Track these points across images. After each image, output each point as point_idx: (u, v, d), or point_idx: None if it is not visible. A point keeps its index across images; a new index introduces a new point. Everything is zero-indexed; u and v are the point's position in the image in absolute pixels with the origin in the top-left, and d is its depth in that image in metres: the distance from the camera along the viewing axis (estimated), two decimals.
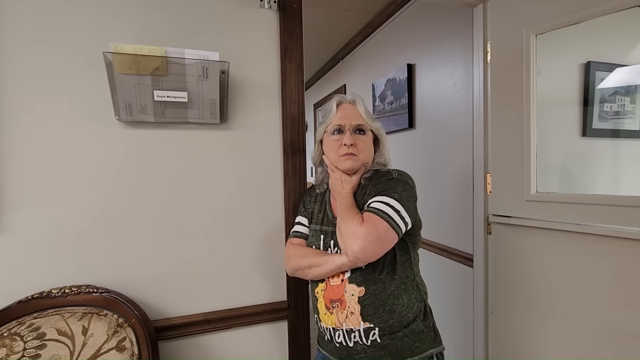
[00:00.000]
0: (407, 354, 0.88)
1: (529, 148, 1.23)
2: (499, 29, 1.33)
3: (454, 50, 1.71)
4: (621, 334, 1.05)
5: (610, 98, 1.57)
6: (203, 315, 1.07)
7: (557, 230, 1.19)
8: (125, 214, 1.00)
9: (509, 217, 1.32)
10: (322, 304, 0.94)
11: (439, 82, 1.85)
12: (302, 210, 1.08)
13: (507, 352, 1.35)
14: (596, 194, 1.20)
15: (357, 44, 2.92)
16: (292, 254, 1.00)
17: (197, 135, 1.06)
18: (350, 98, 1.02)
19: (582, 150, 1.56)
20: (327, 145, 1.02)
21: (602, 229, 1.10)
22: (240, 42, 1.09)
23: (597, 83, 1.55)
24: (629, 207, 1.06)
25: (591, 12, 1.09)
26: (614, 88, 1.59)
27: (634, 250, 1.03)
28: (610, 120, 1.57)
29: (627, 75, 1.65)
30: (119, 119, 0.98)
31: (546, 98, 1.31)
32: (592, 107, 1.55)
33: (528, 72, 1.23)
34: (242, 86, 1.10)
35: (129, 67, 0.93)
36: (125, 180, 1.00)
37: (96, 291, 0.95)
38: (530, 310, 1.26)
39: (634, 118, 1.61)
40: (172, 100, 1.00)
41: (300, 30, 1.15)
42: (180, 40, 1.03)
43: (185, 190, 1.06)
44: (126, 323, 0.93)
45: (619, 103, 1.59)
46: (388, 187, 0.88)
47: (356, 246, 0.79)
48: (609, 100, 1.58)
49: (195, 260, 1.07)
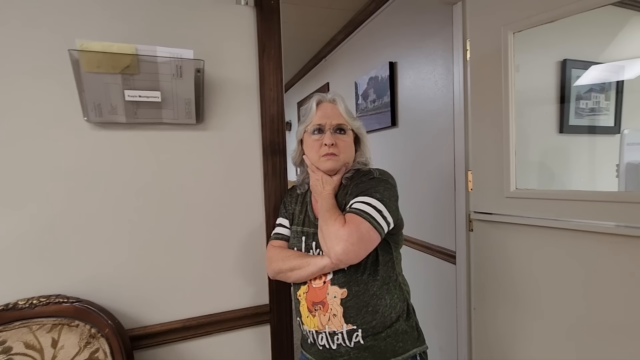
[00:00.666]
0: (391, 354, 0.87)
1: (508, 145, 1.24)
2: (478, 27, 1.34)
3: (434, 48, 1.72)
4: (599, 326, 1.07)
5: (585, 95, 1.61)
6: (182, 322, 1.03)
7: (536, 226, 1.21)
8: (97, 219, 0.96)
9: (490, 214, 1.33)
10: (304, 307, 0.92)
11: (420, 80, 1.85)
12: (282, 211, 1.06)
13: (491, 348, 1.37)
14: (573, 190, 1.23)
15: (339, 42, 2.91)
16: (274, 256, 0.97)
17: (172, 136, 1.03)
18: (330, 97, 1.00)
19: (559, 146, 1.60)
20: (307, 145, 1.00)
21: (578, 224, 1.12)
22: (216, 40, 1.06)
23: (573, 80, 1.59)
24: (604, 202, 1.08)
25: (566, 10, 1.10)
26: (589, 85, 1.63)
27: (609, 245, 1.05)
28: (586, 116, 1.61)
29: (602, 73, 1.70)
30: (87, 120, 0.93)
31: (525, 95, 1.33)
32: (569, 104, 1.58)
33: (506, 70, 1.24)
34: (219, 85, 1.07)
35: (97, 66, 0.89)
36: (96, 184, 0.95)
37: (66, 301, 0.90)
38: (512, 306, 1.28)
39: (609, 114, 1.65)
40: (144, 100, 0.95)
41: (278, 27, 1.13)
42: (153, 38, 0.99)
43: (160, 194, 1.02)
44: (99, 333, 0.89)
45: (594, 100, 1.63)
46: (369, 187, 0.87)
47: (339, 248, 0.77)
48: (584, 98, 1.62)
49: (173, 265, 1.03)
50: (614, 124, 1.68)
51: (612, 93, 1.67)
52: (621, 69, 1.73)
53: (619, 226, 1.05)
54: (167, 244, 1.03)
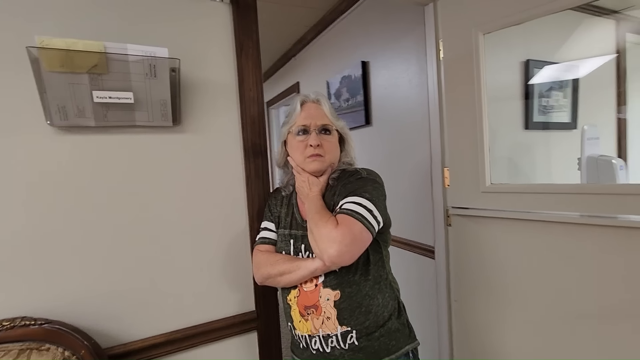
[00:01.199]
0: (384, 353, 0.87)
1: (482, 142, 1.29)
2: (450, 28, 1.38)
3: (407, 47, 1.75)
4: (569, 311, 1.14)
5: (546, 93, 1.71)
6: (165, 336, 0.98)
7: (510, 219, 1.26)
8: (64, 232, 0.88)
9: (466, 208, 1.38)
10: (295, 312, 0.90)
11: (394, 79, 1.88)
12: (267, 214, 1.03)
13: (471, 338, 1.42)
14: (542, 183, 1.29)
15: (309, 40, 2.89)
16: (261, 261, 0.94)
17: (147, 140, 0.96)
18: (314, 97, 0.99)
19: (525, 142, 1.68)
20: (292, 146, 0.98)
21: (547, 215, 1.18)
22: (191, 38, 1.01)
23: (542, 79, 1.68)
24: (569, 194, 1.15)
25: (532, 13, 1.16)
26: (549, 84, 1.73)
27: (574, 234, 1.12)
28: (547, 113, 1.71)
29: (555, 72, 1.81)
30: (51, 123, 0.85)
31: (494, 94, 1.39)
32: (532, 101, 1.67)
33: (478, 70, 1.28)
34: (196, 86, 1.02)
35: (61, 65, 0.81)
36: (62, 194, 0.87)
37: (34, 323, 0.82)
38: (489, 296, 1.33)
39: (567, 111, 1.77)
40: (115, 102, 0.89)
41: (255, 25, 1.09)
42: (123, 35, 0.92)
43: (136, 201, 0.95)
44: (74, 356, 0.82)
45: (554, 98, 1.73)
46: (358, 187, 0.87)
47: (332, 250, 0.76)
48: (545, 95, 1.72)
49: (152, 276, 0.97)
50: (571, 120, 1.80)
51: (569, 91, 1.78)
52: (575, 68, 1.85)
53: (583, 216, 1.12)
54: (145, 254, 0.96)
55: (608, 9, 1.83)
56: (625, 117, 1.93)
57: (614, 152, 1.85)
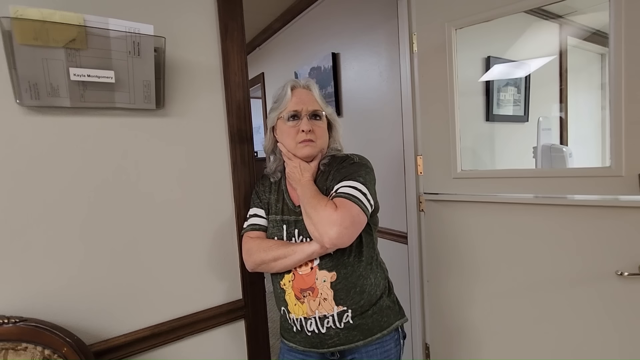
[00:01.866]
0: (377, 329, 0.91)
1: (454, 131, 1.38)
2: (424, 23, 1.44)
3: (378, 40, 1.80)
4: (530, 283, 1.27)
5: (504, 88, 1.87)
6: (150, 329, 0.93)
7: (478, 202, 1.37)
8: (38, 223, 0.80)
9: (438, 194, 1.47)
10: (291, 295, 0.91)
11: (364, 71, 1.93)
12: (256, 201, 1.02)
13: (444, 314, 1.52)
14: (505, 169, 1.41)
15: (275, 30, 2.85)
16: (253, 247, 0.94)
17: (127, 123, 0.91)
18: (304, 82, 0.99)
19: (486, 132, 1.82)
20: (282, 132, 0.97)
21: (509, 198, 1.30)
22: (174, 17, 0.96)
23: (495, 75, 1.82)
24: (526, 178, 1.27)
25: (500, 11, 1.25)
26: (505, 80, 1.89)
27: (529, 212, 1.25)
28: (505, 107, 1.87)
29: (509, 69, 1.97)
30: (20, 103, 0.77)
31: (461, 87, 1.48)
32: (492, 95, 1.81)
33: (451, 63, 1.37)
34: (180, 67, 0.97)
35: (34, 38, 0.74)
36: (33, 181, 0.80)
37: (7, 322, 0.74)
38: (461, 274, 1.44)
39: (520, 105, 1.94)
40: (94, 81, 0.82)
41: (240, 8, 1.07)
42: (103, 9, 0.85)
43: (115, 188, 0.89)
44: (55, 354, 0.76)
45: (510, 92, 1.89)
46: (353, 172, 0.89)
47: (333, 232, 0.78)
48: (503, 90, 1.87)
49: (135, 268, 0.92)
50: (524, 113, 1.98)
51: (522, 87, 1.96)
52: (526, 66, 2.04)
53: (537, 197, 1.25)
54: (126, 245, 0.91)
55: (554, 13, 2.03)
56: (566, 111, 2.16)
57: (558, 142, 2.07)
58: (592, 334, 1.14)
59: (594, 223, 1.11)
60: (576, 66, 2.25)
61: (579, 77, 2.31)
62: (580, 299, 1.15)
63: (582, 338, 1.16)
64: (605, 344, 1.11)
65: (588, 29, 2.26)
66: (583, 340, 1.16)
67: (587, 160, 2.27)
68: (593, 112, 2.42)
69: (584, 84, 2.40)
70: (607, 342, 1.11)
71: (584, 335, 1.16)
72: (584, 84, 2.40)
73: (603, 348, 1.12)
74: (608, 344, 1.11)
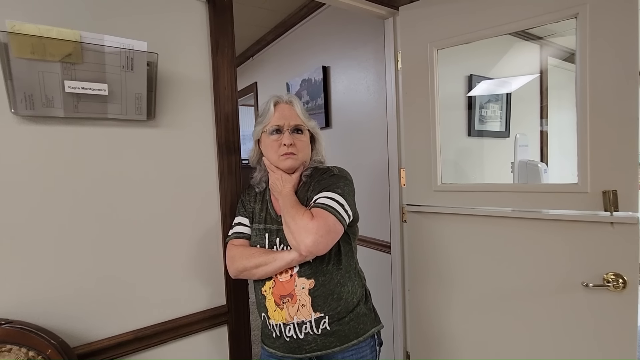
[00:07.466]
0: (354, 336, 0.95)
1: (435, 146, 1.44)
2: (408, 42, 1.52)
3: (366, 56, 1.87)
4: (504, 292, 1.32)
5: (485, 105, 1.94)
6: (134, 333, 0.96)
7: (457, 214, 1.42)
8: (26, 228, 0.83)
9: (420, 205, 1.52)
10: (271, 301, 0.95)
11: (353, 85, 1.99)
12: (241, 210, 1.07)
13: (423, 321, 1.56)
14: (483, 183, 1.48)
15: (268, 42, 2.92)
16: (237, 255, 0.98)
17: (119, 133, 0.95)
18: (287, 98, 1.04)
19: (468, 147, 1.89)
20: (265, 145, 1.02)
21: (487, 211, 1.36)
22: (168, 33, 1.01)
23: (477, 92, 1.90)
24: (504, 192, 1.33)
25: (478, 35, 1.33)
26: (487, 96, 1.97)
27: (508, 226, 1.31)
28: (486, 123, 1.94)
29: (491, 87, 2.06)
30: (15, 112, 0.81)
31: (443, 103, 1.55)
32: (474, 111, 1.89)
33: (432, 81, 1.44)
34: (171, 81, 1.02)
35: (31, 51, 0.78)
36: (24, 187, 0.83)
37: None
38: (439, 284, 1.49)
39: (502, 121, 2.02)
40: (88, 93, 0.87)
41: (231, 25, 1.12)
42: (99, 27, 0.90)
43: (104, 196, 0.93)
44: (40, 355, 0.78)
45: (492, 109, 1.97)
46: (331, 183, 0.94)
47: (309, 240, 0.82)
48: (484, 107, 1.95)
49: (121, 272, 0.95)
50: (505, 129, 2.06)
51: (503, 104, 2.04)
52: (507, 84, 2.13)
53: (514, 210, 1.31)
54: (113, 250, 0.94)
55: (535, 35, 2.13)
56: (546, 128, 2.25)
57: (538, 158, 2.15)
58: (562, 342, 1.19)
59: (563, 236, 1.17)
60: (558, 84, 2.35)
61: (561, 95, 2.41)
62: (550, 309, 1.21)
63: (552, 346, 1.21)
64: (574, 351, 1.17)
65: (567, 50, 2.37)
66: (553, 348, 1.21)
67: (570, 175, 2.35)
68: (574, 128, 2.51)
69: (566, 101, 2.49)
70: (575, 349, 1.16)
71: (554, 343, 1.21)
72: (566, 102, 2.49)
73: (572, 355, 1.17)
74: (576, 350, 1.16)
